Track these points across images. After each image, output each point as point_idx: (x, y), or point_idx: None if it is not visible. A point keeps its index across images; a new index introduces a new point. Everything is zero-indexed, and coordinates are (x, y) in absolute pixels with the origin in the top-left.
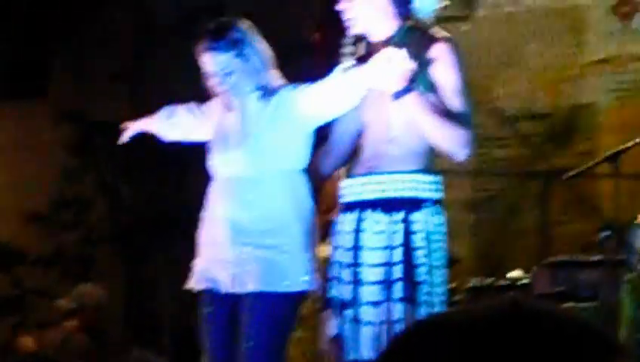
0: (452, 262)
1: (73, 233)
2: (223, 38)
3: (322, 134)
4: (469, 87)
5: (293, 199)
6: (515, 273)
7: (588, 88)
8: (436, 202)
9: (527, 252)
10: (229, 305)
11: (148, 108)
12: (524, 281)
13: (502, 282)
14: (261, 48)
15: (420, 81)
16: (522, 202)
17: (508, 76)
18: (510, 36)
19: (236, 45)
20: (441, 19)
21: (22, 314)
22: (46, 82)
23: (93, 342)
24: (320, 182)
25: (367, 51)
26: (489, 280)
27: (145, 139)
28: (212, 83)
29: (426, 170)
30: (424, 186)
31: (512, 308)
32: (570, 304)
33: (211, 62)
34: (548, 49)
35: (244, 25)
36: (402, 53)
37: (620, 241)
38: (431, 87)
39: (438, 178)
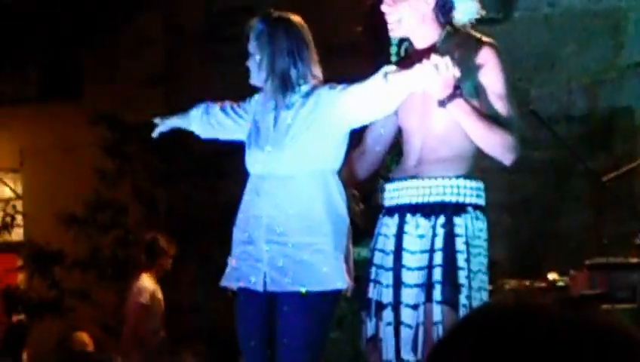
0: (489, 265)
1: (109, 235)
2: (267, 24)
3: (357, 136)
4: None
5: (327, 199)
6: (553, 275)
7: (625, 91)
8: (478, 207)
9: (565, 254)
10: (264, 303)
11: (182, 111)
12: (562, 284)
13: (539, 284)
14: (305, 45)
15: (465, 86)
16: (559, 204)
17: (545, 78)
18: (547, 38)
19: (278, 34)
20: (477, 21)
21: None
22: (82, 85)
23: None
24: (353, 184)
25: (408, 55)
26: (526, 283)
27: (180, 142)
28: (250, 69)
29: (469, 175)
30: (466, 192)
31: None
32: (608, 306)
33: (250, 45)
34: (585, 51)
35: (294, 18)
36: (448, 60)
37: None
38: (476, 92)
39: (481, 184)
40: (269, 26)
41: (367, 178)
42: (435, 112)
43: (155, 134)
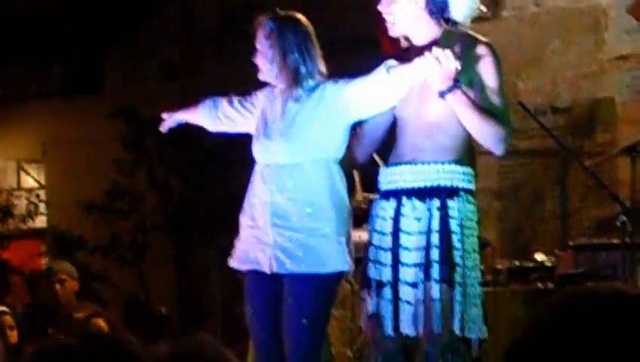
0: (481, 246)
1: (127, 221)
2: (275, 20)
3: (355, 124)
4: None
5: (330, 186)
6: (540, 256)
7: (606, 84)
8: (469, 191)
9: (551, 236)
10: (270, 284)
11: (196, 105)
12: (549, 263)
13: (528, 264)
14: (310, 41)
15: (461, 80)
16: (546, 190)
17: (531, 73)
18: (533, 35)
19: (286, 30)
20: (469, 20)
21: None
22: (102, 81)
23: None
24: (352, 169)
25: (408, 51)
26: (516, 263)
27: (192, 135)
28: (260, 65)
29: (461, 161)
30: (459, 177)
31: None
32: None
33: (259, 40)
34: (569, 47)
35: (300, 17)
36: (449, 52)
37: (636, 225)
38: (471, 86)
39: (471, 170)
40: (279, 24)
41: (365, 163)
42: (430, 101)
43: (163, 129)
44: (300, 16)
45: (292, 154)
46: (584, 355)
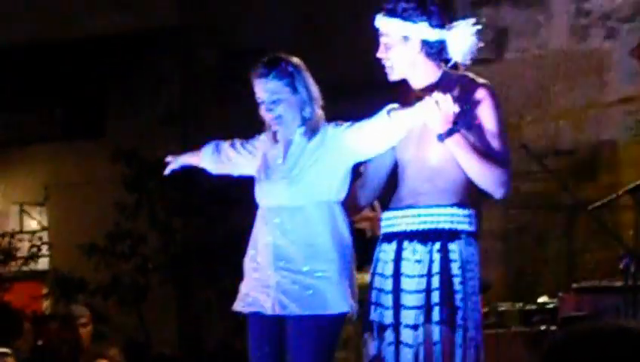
0: (484, 288)
1: (129, 263)
2: (275, 67)
3: (358, 168)
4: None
5: (332, 228)
6: (544, 298)
7: (609, 126)
8: (470, 234)
9: (554, 278)
10: (273, 326)
11: (197, 148)
12: (551, 306)
13: (530, 306)
14: (310, 84)
15: (462, 122)
16: (549, 232)
17: (534, 115)
18: (536, 77)
19: (287, 76)
20: (472, 61)
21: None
22: (104, 124)
23: None
24: (355, 213)
25: (408, 95)
26: (518, 305)
27: (194, 177)
28: (261, 112)
29: (462, 204)
30: (460, 219)
31: None
32: None
33: (262, 89)
34: (572, 90)
35: (297, 61)
36: (449, 96)
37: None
38: (471, 128)
39: (472, 211)
40: (289, 73)
41: (368, 206)
42: (430, 144)
43: (167, 172)
44: (295, 60)
45: (294, 197)
46: None
